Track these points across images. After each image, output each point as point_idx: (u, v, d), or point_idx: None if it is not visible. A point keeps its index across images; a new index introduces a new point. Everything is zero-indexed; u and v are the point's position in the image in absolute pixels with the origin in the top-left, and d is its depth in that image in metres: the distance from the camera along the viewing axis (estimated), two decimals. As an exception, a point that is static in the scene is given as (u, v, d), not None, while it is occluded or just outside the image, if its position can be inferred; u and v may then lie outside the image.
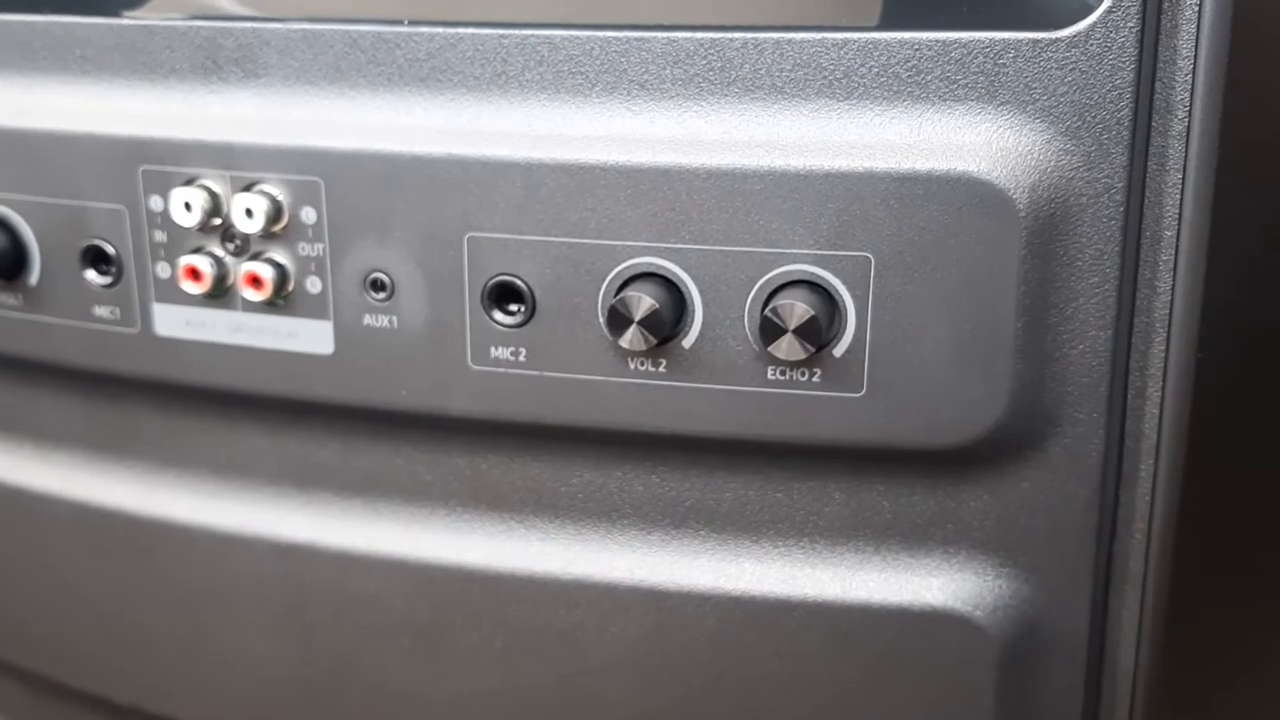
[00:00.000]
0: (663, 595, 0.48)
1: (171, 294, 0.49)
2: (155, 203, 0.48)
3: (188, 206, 0.47)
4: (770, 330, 0.41)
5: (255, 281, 0.47)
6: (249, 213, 0.46)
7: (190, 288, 0.48)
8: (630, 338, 0.42)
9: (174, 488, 0.53)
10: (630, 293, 0.42)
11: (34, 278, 0.51)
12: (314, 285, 0.47)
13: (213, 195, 0.47)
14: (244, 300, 0.48)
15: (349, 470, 0.51)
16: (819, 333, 0.41)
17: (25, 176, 0.49)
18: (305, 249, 0.47)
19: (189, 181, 0.47)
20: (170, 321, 0.49)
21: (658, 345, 0.43)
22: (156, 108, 0.48)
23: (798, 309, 0.41)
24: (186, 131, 0.47)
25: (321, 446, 0.51)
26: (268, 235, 0.47)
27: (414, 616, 0.50)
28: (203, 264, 0.47)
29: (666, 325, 0.42)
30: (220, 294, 0.48)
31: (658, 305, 0.42)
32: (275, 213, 0.46)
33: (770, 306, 0.42)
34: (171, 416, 0.53)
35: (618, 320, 0.42)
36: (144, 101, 0.48)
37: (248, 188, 0.47)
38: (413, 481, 0.50)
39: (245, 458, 0.52)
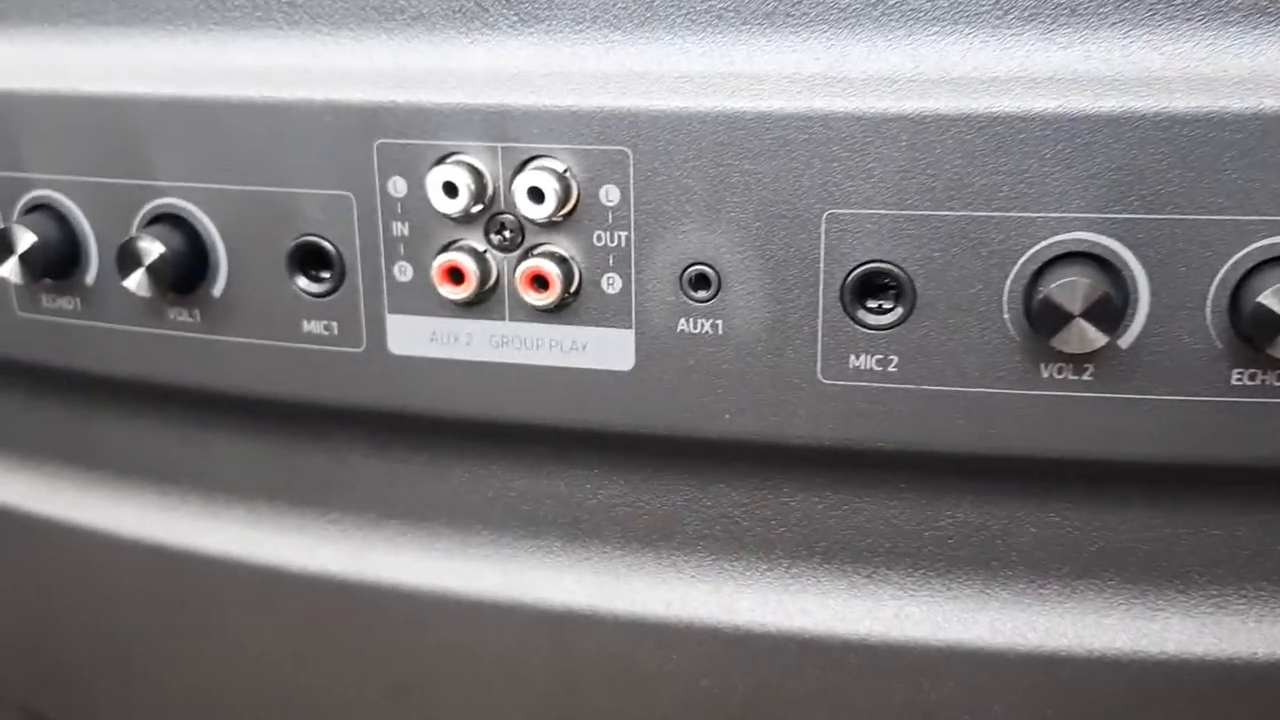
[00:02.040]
0: (1062, 662, 0.41)
1: (413, 301, 0.42)
2: (396, 186, 0.41)
3: (450, 190, 0.40)
4: (1267, 322, 0.35)
5: (537, 282, 0.40)
6: (536, 195, 0.39)
7: (449, 292, 0.41)
8: (1072, 337, 0.36)
9: (397, 544, 0.47)
10: (1068, 276, 0.36)
11: (218, 288, 0.44)
12: (612, 284, 0.40)
13: (477, 174, 0.40)
14: (514, 306, 0.41)
15: (638, 516, 0.44)
16: (1335, 322, 0.34)
17: (210, 160, 0.43)
18: (602, 238, 0.40)
19: (443, 159, 0.40)
20: (409, 336, 0.42)
21: (1089, 346, 0.37)
22: (397, 65, 0.41)
23: (1305, 293, 0.34)
24: (442, 94, 0.40)
25: (603, 487, 0.44)
26: (547, 223, 0.40)
27: (728, 697, 0.44)
28: (466, 262, 0.40)
29: (1120, 317, 0.36)
30: (482, 299, 0.41)
31: (1109, 290, 0.35)
32: (564, 194, 0.39)
33: (1259, 290, 0.35)
34: (397, 456, 0.46)
35: (1049, 315, 0.36)
36: (379, 58, 0.42)
37: (523, 164, 0.40)
38: (725, 527, 0.43)
39: (498, 504, 0.45)
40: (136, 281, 0.43)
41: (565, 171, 0.40)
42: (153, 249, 0.43)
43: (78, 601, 0.51)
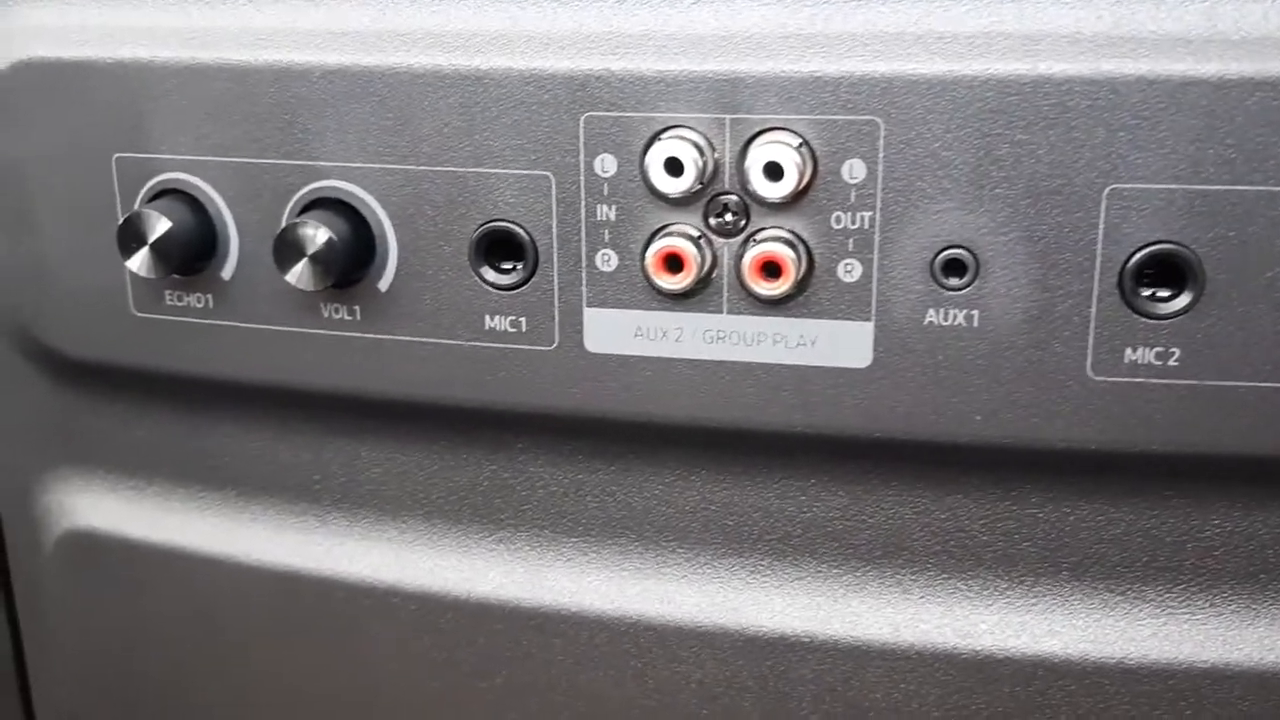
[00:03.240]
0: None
1: (616, 293, 0.39)
2: (604, 165, 0.38)
3: (674, 167, 0.37)
4: None
5: (768, 269, 0.38)
6: (773, 171, 0.37)
7: (665, 282, 0.38)
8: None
9: (579, 565, 0.44)
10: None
11: (384, 281, 0.41)
12: (849, 271, 0.38)
13: (699, 150, 0.38)
14: (734, 297, 0.39)
15: (860, 530, 0.42)
16: None
17: (383, 138, 0.40)
18: (842, 220, 0.37)
19: (659, 133, 0.38)
20: (610, 332, 0.40)
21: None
22: (609, 29, 0.39)
23: None
24: (663, 61, 0.38)
25: (820, 499, 0.42)
26: (777, 204, 0.37)
27: (965, 730, 0.41)
28: (686, 248, 0.38)
29: None
30: (696, 290, 0.39)
31: None
32: (800, 169, 0.37)
33: None
34: (583, 465, 0.44)
35: (1371, 301, 0.34)
36: (588, 21, 0.39)
37: (751, 139, 0.37)
38: (961, 542, 0.41)
39: (698, 518, 0.43)
40: (298, 274, 0.40)
41: (801, 145, 0.37)
42: (317, 236, 0.40)
43: (196, 638, 0.48)
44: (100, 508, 0.49)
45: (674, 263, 0.39)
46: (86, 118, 0.43)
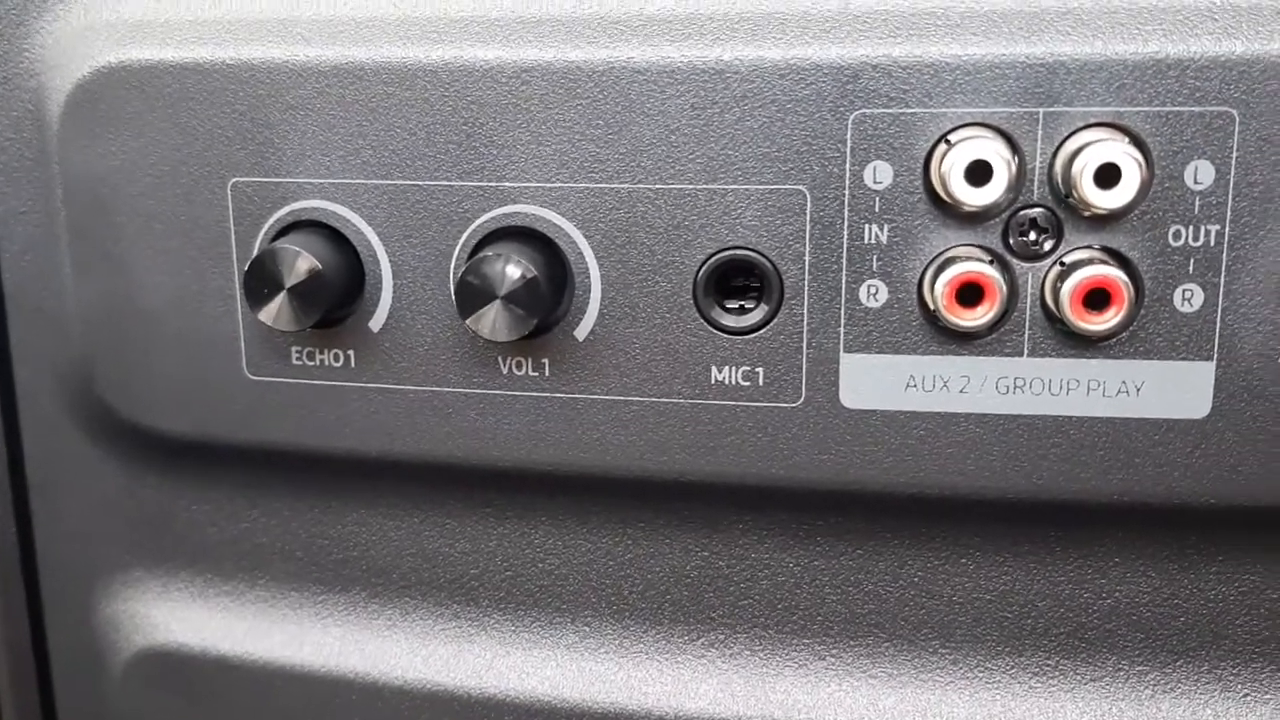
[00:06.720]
0: None
1: (884, 334, 0.35)
2: (876, 175, 0.33)
3: (979, 173, 0.32)
4: None
5: (1094, 299, 0.33)
6: (1106, 177, 0.32)
7: (961, 319, 0.33)
8: None
9: (819, 674, 0.39)
10: None
11: (583, 327, 0.36)
12: (1188, 299, 0.33)
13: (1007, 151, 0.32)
14: (1040, 335, 0.34)
15: (1175, 618, 0.36)
16: None
17: (587, 152, 0.35)
18: (1181, 235, 0.33)
19: (949, 134, 0.32)
20: (874, 383, 0.35)
21: None
22: (883, 6, 0.33)
23: None
24: (957, 43, 0.33)
25: (1127, 581, 0.37)
26: (1096, 218, 0.32)
27: None
28: (990, 275, 0.32)
29: None
30: (994, 328, 0.33)
31: None
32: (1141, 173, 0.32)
33: None
34: (821, 549, 0.38)
35: None
36: (855, -3, 0.34)
37: (1066, 137, 0.32)
38: None
39: (966, 611, 0.38)
40: (490, 322, 0.34)
41: (1131, 144, 0.32)
42: (513, 272, 0.34)
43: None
44: (187, 620, 0.43)
45: (971, 293, 0.33)
46: (192, 136, 0.37)
